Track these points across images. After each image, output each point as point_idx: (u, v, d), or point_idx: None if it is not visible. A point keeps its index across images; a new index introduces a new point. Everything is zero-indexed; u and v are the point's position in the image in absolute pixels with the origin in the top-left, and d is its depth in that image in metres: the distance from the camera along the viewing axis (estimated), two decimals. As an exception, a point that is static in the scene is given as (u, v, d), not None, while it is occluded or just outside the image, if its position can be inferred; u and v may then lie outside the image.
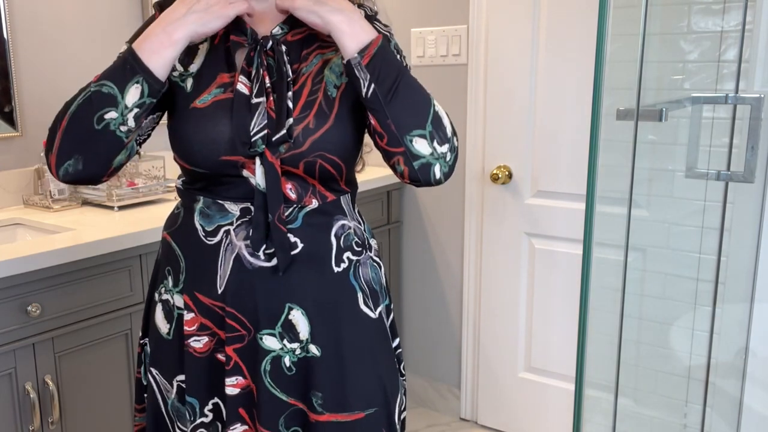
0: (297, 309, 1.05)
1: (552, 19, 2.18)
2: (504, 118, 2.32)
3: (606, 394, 1.67)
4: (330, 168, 1.04)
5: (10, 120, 2.00)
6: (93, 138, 0.97)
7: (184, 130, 1.03)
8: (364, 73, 0.97)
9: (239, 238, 1.04)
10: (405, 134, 0.99)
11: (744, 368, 1.52)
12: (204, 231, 1.06)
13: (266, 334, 1.05)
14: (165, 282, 1.13)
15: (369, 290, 1.12)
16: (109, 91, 0.96)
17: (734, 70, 1.50)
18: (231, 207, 1.05)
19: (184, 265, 1.09)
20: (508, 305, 2.43)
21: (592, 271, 1.39)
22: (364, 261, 1.12)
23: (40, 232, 1.85)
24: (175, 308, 1.11)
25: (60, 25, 2.09)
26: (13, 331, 1.50)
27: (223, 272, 1.05)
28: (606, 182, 1.42)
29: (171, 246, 1.11)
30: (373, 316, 1.11)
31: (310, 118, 1.02)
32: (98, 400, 1.70)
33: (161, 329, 1.14)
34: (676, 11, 1.59)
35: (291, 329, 1.06)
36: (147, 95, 0.97)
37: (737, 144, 1.49)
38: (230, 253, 1.04)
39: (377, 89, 0.97)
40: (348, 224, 1.10)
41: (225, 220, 1.05)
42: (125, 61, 0.97)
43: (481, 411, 2.57)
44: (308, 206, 1.05)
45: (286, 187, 1.03)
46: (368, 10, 1.10)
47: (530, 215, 2.33)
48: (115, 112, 0.96)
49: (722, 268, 1.57)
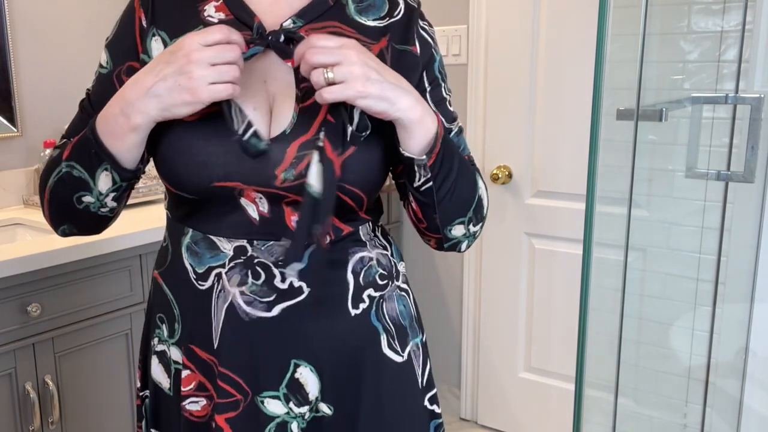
0: (305, 365, 0.89)
1: (552, 19, 2.18)
2: (504, 118, 2.32)
3: (606, 394, 1.67)
4: (349, 201, 0.86)
5: (10, 120, 1.99)
6: (78, 214, 0.87)
7: (166, 147, 0.84)
8: (424, 171, 0.83)
9: (233, 284, 0.86)
10: (447, 225, 0.88)
11: (744, 368, 1.52)
12: (195, 273, 0.89)
13: (269, 396, 0.88)
14: (159, 331, 0.96)
15: (395, 329, 0.94)
16: (79, 175, 0.83)
17: (734, 70, 1.50)
18: (223, 245, 0.87)
19: (178, 312, 0.92)
20: (508, 305, 2.43)
21: (592, 271, 1.39)
22: (389, 295, 0.94)
23: (40, 232, 1.85)
24: (172, 362, 0.95)
25: (60, 25, 2.09)
26: (13, 331, 1.50)
27: (216, 324, 0.88)
28: (606, 182, 1.42)
29: (162, 290, 0.94)
30: (399, 360, 0.94)
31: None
32: (98, 400, 1.70)
33: (162, 384, 0.97)
34: (676, 11, 1.59)
35: (298, 390, 0.89)
36: (120, 181, 0.83)
37: (737, 144, 1.50)
38: (222, 301, 0.87)
39: (434, 188, 0.84)
40: (369, 255, 0.92)
41: (216, 261, 0.87)
42: (89, 143, 0.81)
43: (481, 411, 2.57)
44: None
45: (291, 220, 0.86)
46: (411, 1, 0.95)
47: (530, 215, 2.33)
48: (90, 197, 0.84)
49: (722, 268, 1.57)
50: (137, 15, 0.89)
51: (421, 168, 0.82)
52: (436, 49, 0.95)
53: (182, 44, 0.76)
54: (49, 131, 2.09)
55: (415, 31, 0.92)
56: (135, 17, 0.90)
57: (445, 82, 0.96)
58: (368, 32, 0.90)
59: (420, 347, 0.99)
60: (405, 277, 1.00)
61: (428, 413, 0.98)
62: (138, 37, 0.89)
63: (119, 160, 0.81)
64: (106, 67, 0.91)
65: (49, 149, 1.99)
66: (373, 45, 0.89)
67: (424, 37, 0.93)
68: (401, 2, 0.94)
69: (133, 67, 0.88)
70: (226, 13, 0.89)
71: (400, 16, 0.92)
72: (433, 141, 0.81)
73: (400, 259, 1.00)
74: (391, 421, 0.93)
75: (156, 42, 0.88)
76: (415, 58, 0.91)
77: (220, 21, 0.88)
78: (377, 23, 0.91)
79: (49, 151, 1.98)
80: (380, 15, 0.92)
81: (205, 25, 0.88)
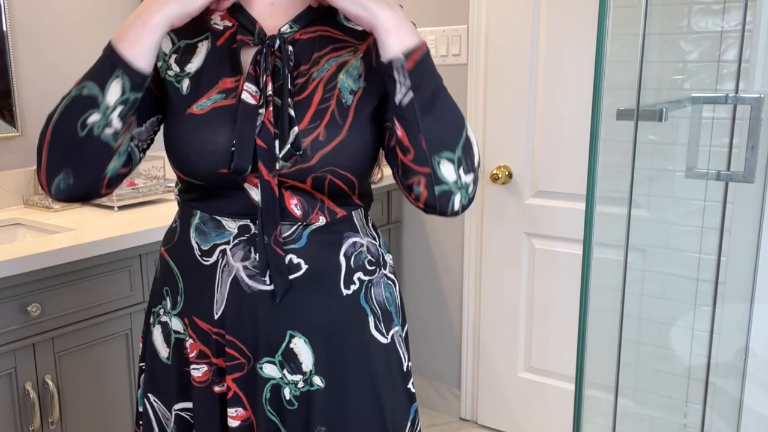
0: (299, 337, 0.97)
1: (552, 19, 2.18)
2: (504, 118, 2.32)
3: (606, 394, 1.67)
4: (341, 184, 0.94)
5: (11, 120, 2.00)
6: (79, 147, 0.89)
7: (180, 138, 0.94)
8: (404, 77, 0.87)
9: (236, 259, 0.95)
10: (434, 154, 0.89)
11: (744, 368, 1.52)
12: (200, 250, 0.98)
13: (266, 362, 0.97)
14: (163, 303, 1.04)
15: (381, 312, 1.03)
16: (89, 92, 0.88)
17: (734, 70, 1.50)
18: (228, 224, 0.96)
19: (182, 286, 1.00)
20: (508, 305, 2.43)
21: (592, 271, 1.39)
22: (377, 280, 1.03)
23: (40, 232, 1.85)
24: (172, 332, 1.03)
25: (60, 24, 2.09)
26: (13, 331, 1.50)
27: (220, 296, 0.96)
28: (606, 182, 1.42)
29: (168, 264, 1.03)
30: (384, 342, 1.02)
31: (321, 129, 0.91)
32: (98, 400, 1.70)
33: (160, 353, 1.05)
34: (676, 11, 1.59)
35: (293, 359, 0.97)
36: (129, 90, 0.88)
37: (737, 144, 1.50)
38: (227, 275, 0.96)
39: (415, 98, 0.87)
40: (360, 241, 1.01)
41: (221, 239, 0.96)
42: (105, 57, 0.89)
43: (481, 411, 2.57)
44: (314, 224, 0.96)
45: (290, 203, 0.94)
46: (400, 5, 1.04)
47: (530, 215, 2.33)
48: (97, 114, 0.88)
49: (722, 268, 1.57)
50: None
51: (401, 74, 0.87)
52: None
53: None
54: (49, 131, 2.09)
55: None
56: None
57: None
58: (356, 35, 0.99)
59: (402, 336, 1.07)
60: (392, 269, 1.08)
61: (410, 395, 1.07)
62: None
63: (133, 62, 0.87)
64: None
65: (49, 149, 1.99)
66: (360, 44, 0.98)
67: None
68: None
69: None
70: (231, 20, 0.98)
71: None
72: (412, 48, 0.87)
73: (387, 251, 1.08)
74: (380, 397, 1.00)
75: (165, 40, 0.99)
76: None
77: (225, 27, 0.98)
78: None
79: (49, 151, 1.99)
80: None
81: (211, 31, 0.98)
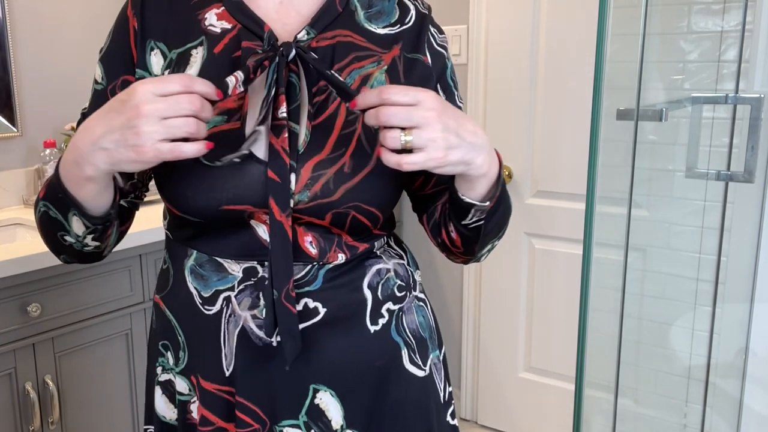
0: (325, 390, 0.83)
1: (552, 19, 2.18)
2: (504, 118, 2.32)
3: (606, 394, 1.67)
4: (365, 220, 0.81)
5: (11, 120, 1.99)
6: (68, 250, 0.82)
7: (168, 171, 0.79)
8: (480, 213, 0.78)
9: (243, 308, 0.81)
10: (481, 250, 0.86)
11: (744, 368, 1.52)
12: (200, 297, 0.83)
13: (288, 425, 0.82)
14: (163, 360, 0.90)
15: (416, 342, 0.89)
16: (55, 216, 0.78)
17: (734, 70, 1.50)
18: (231, 267, 0.81)
19: (183, 340, 0.86)
20: (508, 305, 2.43)
21: (592, 271, 1.39)
22: (408, 307, 0.89)
23: (40, 232, 1.85)
24: (176, 393, 0.89)
25: (60, 24, 2.09)
26: (13, 331, 1.50)
27: (228, 350, 0.82)
28: (606, 182, 1.42)
29: (165, 315, 0.89)
30: (421, 375, 0.89)
31: (346, 159, 0.78)
32: (98, 400, 1.70)
33: (165, 417, 0.92)
34: (676, 11, 1.59)
35: (320, 417, 0.83)
36: (93, 224, 0.77)
37: (737, 144, 1.49)
38: (233, 326, 0.81)
39: (484, 226, 0.80)
40: (385, 267, 0.87)
41: (224, 284, 0.82)
42: (56, 188, 0.76)
43: (481, 411, 2.57)
44: (332, 262, 0.82)
45: (304, 241, 0.80)
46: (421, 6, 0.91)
47: (530, 215, 2.33)
48: (70, 237, 0.79)
49: (722, 268, 1.57)
50: (131, 24, 0.83)
51: (478, 211, 0.78)
52: (448, 57, 0.91)
53: (134, 92, 0.67)
54: (49, 131, 2.09)
55: (426, 40, 0.88)
56: (129, 26, 0.83)
57: (458, 90, 0.92)
58: (379, 41, 0.85)
59: (440, 361, 0.94)
60: (421, 286, 0.95)
61: (451, 429, 0.95)
62: (134, 48, 0.83)
63: (85, 207, 0.75)
64: (101, 83, 0.85)
65: (49, 149, 1.99)
66: (385, 54, 0.85)
67: (435, 46, 0.89)
68: (412, 8, 0.89)
69: (128, 81, 0.82)
70: (230, 21, 0.82)
71: (411, 24, 0.88)
72: (494, 187, 0.77)
73: (416, 267, 0.95)
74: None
75: (156, 56, 0.82)
76: (428, 69, 0.87)
77: (223, 30, 0.82)
78: (388, 30, 0.86)
79: (48, 151, 1.98)
80: (391, 22, 0.87)
81: (207, 35, 0.82)
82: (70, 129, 2.07)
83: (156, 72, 0.82)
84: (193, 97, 0.67)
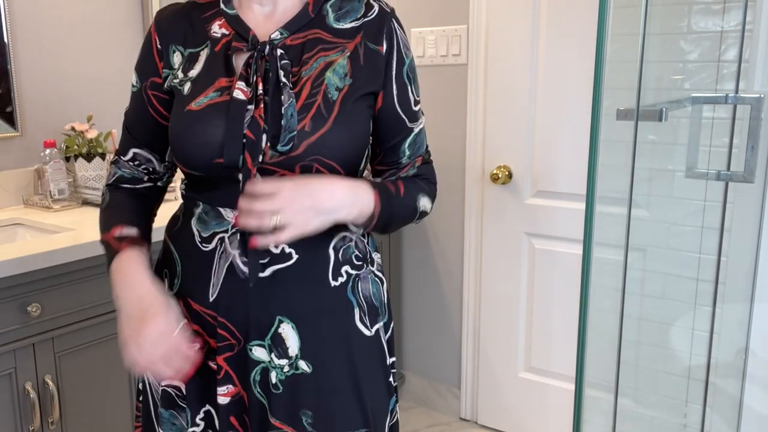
0: (287, 322, 1.03)
1: (552, 19, 2.18)
2: (504, 118, 2.32)
3: (606, 394, 1.67)
4: (327, 173, 1.02)
5: (10, 120, 2.00)
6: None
7: (178, 131, 1.02)
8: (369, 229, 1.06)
9: (233, 247, 1.02)
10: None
11: (744, 368, 1.52)
12: (200, 236, 1.06)
13: (256, 345, 1.04)
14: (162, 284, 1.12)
15: (367, 306, 1.09)
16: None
17: (734, 70, 1.50)
18: (227, 214, 1.03)
19: (180, 269, 1.08)
20: (508, 305, 2.43)
21: (592, 271, 1.39)
22: (364, 275, 1.10)
23: (40, 232, 1.85)
24: None
25: (60, 25, 2.09)
26: (13, 331, 1.50)
27: (216, 280, 1.04)
28: (606, 182, 1.42)
29: (170, 248, 1.12)
30: (368, 334, 1.09)
31: (306, 121, 0.99)
32: (98, 400, 1.70)
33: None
34: (676, 11, 1.59)
35: (280, 343, 1.03)
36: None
37: (737, 144, 1.50)
38: (224, 261, 1.03)
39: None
40: (349, 236, 1.08)
41: (220, 227, 1.04)
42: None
43: (481, 411, 2.57)
44: None
45: None
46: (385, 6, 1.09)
47: (530, 215, 2.33)
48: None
49: (722, 268, 1.57)
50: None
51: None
52: (407, 53, 1.08)
53: (126, 340, 0.99)
54: (49, 131, 2.09)
55: (386, 33, 1.06)
56: (152, 40, 1.10)
57: (414, 84, 1.10)
58: (345, 34, 1.05)
59: (386, 331, 1.13)
60: (380, 267, 1.15)
61: (390, 389, 1.13)
62: (156, 57, 1.09)
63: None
64: (136, 85, 1.12)
65: (49, 149, 1.99)
66: (348, 43, 1.05)
67: (394, 41, 1.06)
68: (376, 6, 1.07)
69: (156, 82, 1.09)
70: (228, 29, 1.06)
71: (373, 17, 1.06)
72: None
73: (375, 249, 1.15)
74: (360, 385, 1.07)
75: (176, 56, 1.08)
76: (383, 60, 1.05)
77: (222, 36, 1.06)
78: (353, 24, 1.06)
79: (48, 151, 1.98)
80: (356, 17, 1.06)
81: (211, 39, 1.07)
82: (70, 129, 2.07)
83: (176, 66, 1.07)
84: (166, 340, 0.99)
